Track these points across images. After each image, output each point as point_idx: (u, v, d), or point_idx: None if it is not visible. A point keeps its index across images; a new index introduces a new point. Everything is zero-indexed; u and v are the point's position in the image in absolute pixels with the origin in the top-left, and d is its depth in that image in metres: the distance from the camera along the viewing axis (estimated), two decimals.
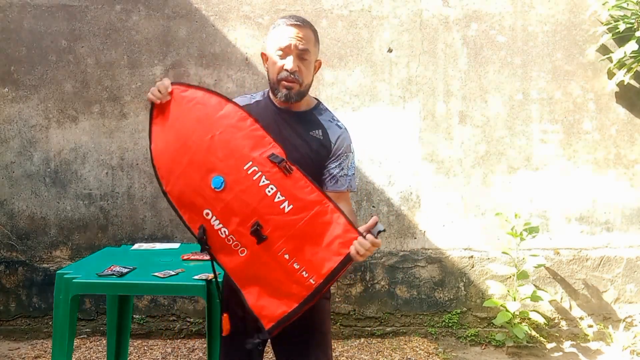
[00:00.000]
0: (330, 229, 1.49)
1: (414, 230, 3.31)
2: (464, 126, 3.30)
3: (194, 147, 1.51)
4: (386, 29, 3.26)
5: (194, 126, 1.53)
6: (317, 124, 1.70)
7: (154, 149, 1.55)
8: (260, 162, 1.49)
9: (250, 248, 1.48)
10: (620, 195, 3.32)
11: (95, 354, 2.99)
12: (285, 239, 1.48)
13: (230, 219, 1.48)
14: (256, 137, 1.52)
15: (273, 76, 1.64)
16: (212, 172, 1.49)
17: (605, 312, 3.34)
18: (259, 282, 1.51)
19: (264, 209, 1.47)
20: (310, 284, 1.48)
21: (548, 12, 3.28)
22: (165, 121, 1.55)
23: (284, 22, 1.62)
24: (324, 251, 1.49)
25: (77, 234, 3.22)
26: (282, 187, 1.48)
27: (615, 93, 3.31)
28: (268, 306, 1.51)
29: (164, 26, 3.20)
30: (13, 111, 3.18)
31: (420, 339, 3.26)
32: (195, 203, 1.51)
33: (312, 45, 1.66)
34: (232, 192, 1.48)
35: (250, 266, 1.50)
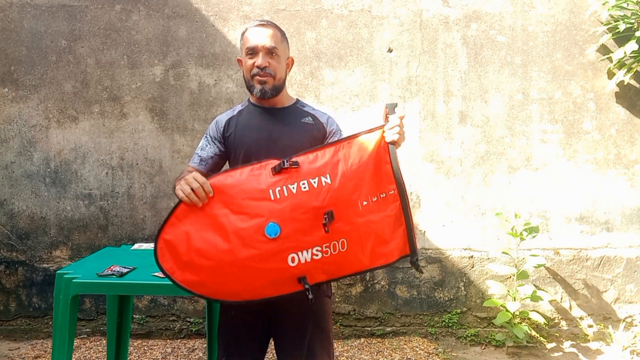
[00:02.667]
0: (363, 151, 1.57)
1: (414, 230, 3.30)
2: (464, 126, 3.30)
3: (229, 237, 1.44)
4: (386, 29, 3.26)
5: (211, 229, 1.46)
6: (305, 112, 1.80)
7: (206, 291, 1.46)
8: (273, 182, 1.50)
9: (344, 233, 1.49)
10: (620, 195, 3.32)
11: (95, 354, 2.99)
12: (352, 196, 1.51)
13: (309, 238, 1.47)
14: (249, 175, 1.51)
15: (247, 75, 1.71)
16: (259, 231, 1.45)
17: (605, 312, 3.34)
18: (374, 243, 1.54)
19: (319, 201, 1.48)
20: (393, 195, 1.57)
21: (548, 12, 3.28)
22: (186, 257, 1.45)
23: (250, 26, 1.71)
24: (375, 167, 1.57)
25: (77, 234, 3.22)
26: (306, 175, 1.51)
27: (615, 93, 3.31)
28: (395, 244, 1.57)
29: (164, 26, 3.20)
30: (13, 111, 3.18)
31: (420, 339, 3.26)
32: (277, 267, 1.45)
33: (280, 43, 1.73)
34: (289, 221, 1.46)
35: (358, 244, 1.51)
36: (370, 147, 1.58)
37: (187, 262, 1.44)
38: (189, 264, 1.44)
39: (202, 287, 1.45)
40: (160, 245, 1.45)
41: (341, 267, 1.52)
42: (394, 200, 1.57)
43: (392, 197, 1.56)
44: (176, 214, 1.47)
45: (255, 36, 1.68)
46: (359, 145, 1.58)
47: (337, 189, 1.50)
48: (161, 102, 3.21)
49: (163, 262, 1.45)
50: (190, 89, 3.22)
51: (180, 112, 3.21)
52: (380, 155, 1.58)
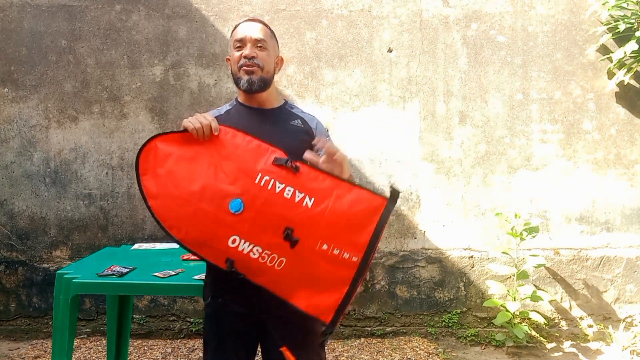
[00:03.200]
0: (355, 203, 1.53)
1: (414, 230, 3.31)
2: (464, 126, 3.30)
3: (200, 182, 1.49)
4: (386, 29, 3.26)
5: (193, 165, 1.52)
6: (293, 115, 1.76)
7: (153, 204, 1.50)
8: (268, 170, 1.50)
9: (288, 254, 1.48)
10: (620, 195, 3.32)
11: (95, 354, 2.99)
12: (319, 232, 1.49)
13: (260, 235, 1.48)
14: (253, 148, 1.53)
15: (235, 68, 1.68)
16: (227, 198, 1.48)
17: (605, 312, 3.34)
18: (305, 283, 1.51)
19: (289, 212, 1.48)
20: (353, 262, 1.50)
21: (548, 12, 3.28)
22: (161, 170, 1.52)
23: (240, 22, 1.70)
24: (355, 227, 1.52)
25: (77, 234, 3.22)
26: (297, 185, 1.50)
27: (615, 93, 3.31)
28: (322, 302, 1.51)
29: (164, 26, 3.20)
30: (13, 111, 3.18)
31: (420, 339, 3.26)
32: (218, 235, 1.48)
33: (269, 38, 1.69)
34: (254, 209, 1.47)
35: (292, 272, 1.49)
36: (362, 207, 1.52)
37: (158, 174, 1.50)
38: (158, 176, 1.50)
39: (154, 199, 1.50)
40: (149, 146, 1.53)
41: (266, 278, 1.50)
42: (352, 268, 1.50)
43: (352, 264, 1.50)
44: (175, 135, 1.53)
45: (243, 29, 1.67)
46: (356, 197, 1.52)
47: (312, 215, 1.48)
48: (161, 102, 3.21)
49: (142, 160, 1.52)
50: (190, 89, 3.22)
51: (180, 112, 3.21)
52: (365, 221, 1.52)
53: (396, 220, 3.30)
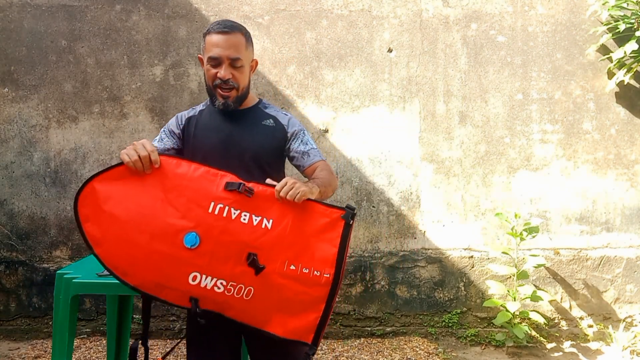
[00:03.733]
0: (314, 219, 1.48)
1: (414, 230, 3.31)
2: (464, 126, 3.30)
3: (148, 221, 1.38)
4: (386, 29, 3.26)
5: (137, 202, 1.40)
6: (266, 115, 1.76)
7: (101, 252, 1.39)
8: (220, 197, 1.42)
9: (254, 282, 1.41)
10: (620, 195, 3.32)
11: (95, 354, 2.99)
12: (284, 252, 1.44)
13: (221, 267, 1.40)
14: (201, 176, 1.44)
15: (209, 83, 1.65)
16: (180, 233, 1.38)
17: (605, 312, 3.34)
18: (278, 308, 1.45)
19: (249, 237, 1.41)
20: (326, 278, 1.45)
21: (548, 12, 3.28)
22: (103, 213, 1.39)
23: (215, 28, 1.61)
24: (319, 242, 1.47)
25: (77, 234, 3.22)
26: (253, 209, 1.44)
27: (615, 93, 3.31)
28: (299, 324, 1.46)
29: (164, 26, 3.20)
30: (13, 111, 3.18)
31: (420, 339, 3.26)
32: (176, 275, 1.39)
33: (244, 50, 1.63)
34: (212, 240, 1.40)
35: (263, 300, 1.43)
36: (322, 221, 1.48)
37: (100, 218, 1.38)
38: (101, 220, 1.38)
39: (101, 247, 1.38)
40: (87, 190, 1.39)
41: (236, 311, 1.44)
42: (325, 285, 1.45)
43: (325, 280, 1.45)
44: (114, 172, 1.41)
45: (217, 45, 1.59)
46: (314, 212, 1.48)
47: (272, 237, 1.43)
48: (161, 102, 3.21)
49: (82, 206, 1.39)
50: (190, 89, 3.22)
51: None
52: (328, 235, 1.47)
53: (396, 220, 3.30)
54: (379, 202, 3.29)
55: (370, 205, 3.29)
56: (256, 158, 1.68)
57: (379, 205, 3.29)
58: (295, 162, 1.78)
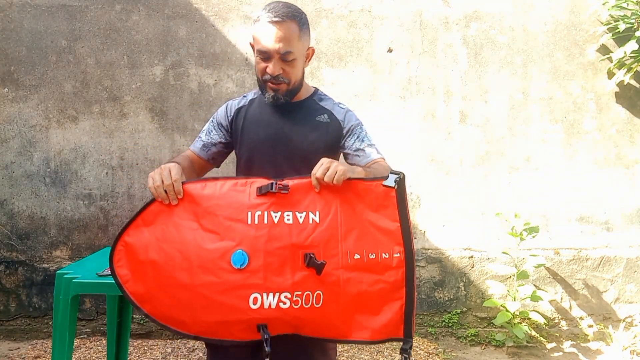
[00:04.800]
0: (361, 198, 1.33)
1: (414, 230, 3.31)
2: (464, 126, 3.30)
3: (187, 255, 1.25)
4: (386, 29, 3.26)
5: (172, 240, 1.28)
6: (321, 109, 1.62)
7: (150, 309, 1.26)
8: (255, 204, 1.29)
9: (322, 285, 1.26)
10: (620, 195, 3.32)
11: (95, 354, 2.99)
12: (342, 243, 1.29)
13: (280, 279, 1.25)
14: (229, 189, 1.32)
15: (259, 75, 1.54)
16: (225, 255, 1.25)
17: (605, 312, 3.34)
18: (356, 309, 1.29)
19: (300, 238, 1.27)
20: (397, 258, 1.30)
21: (548, 12, 3.28)
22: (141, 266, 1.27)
23: (265, 17, 1.46)
24: (378, 220, 1.32)
25: (77, 234, 3.22)
26: (294, 206, 1.30)
27: (615, 93, 3.31)
28: (385, 320, 1.30)
29: (164, 26, 3.20)
30: (13, 111, 3.18)
31: (420, 339, 3.26)
32: (235, 303, 1.23)
33: (296, 41, 1.47)
34: (261, 253, 1.25)
35: (337, 303, 1.27)
36: (371, 195, 1.33)
37: (139, 272, 1.26)
38: (141, 274, 1.26)
39: (149, 303, 1.26)
40: (119, 248, 1.29)
41: (312, 326, 1.28)
42: (399, 266, 1.29)
43: (397, 261, 1.29)
44: (143, 217, 1.30)
45: (268, 38, 1.45)
46: (359, 191, 1.33)
47: (324, 229, 1.28)
48: (161, 102, 3.21)
49: (118, 267, 1.28)
50: (190, 89, 3.22)
51: (180, 112, 3.21)
52: (383, 208, 1.33)
53: None
54: None
55: None
56: (306, 158, 1.53)
57: None
58: (350, 160, 1.63)
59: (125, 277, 1.28)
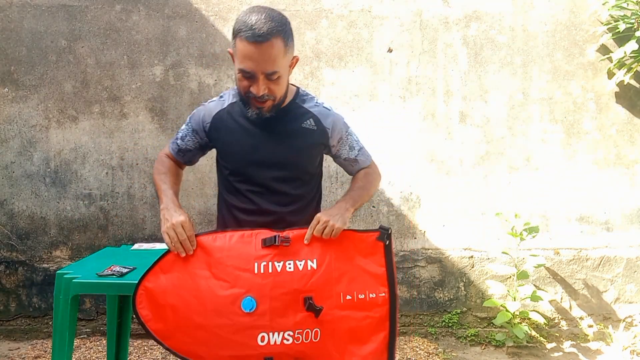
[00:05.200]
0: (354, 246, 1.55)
1: (414, 230, 3.31)
2: (464, 126, 3.30)
3: (205, 300, 1.43)
4: (386, 29, 3.26)
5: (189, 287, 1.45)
6: (306, 113, 1.60)
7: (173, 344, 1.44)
8: (261, 255, 1.47)
9: (319, 323, 1.45)
10: (620, 195, 3.32)
11: (95, 354, 2.99)
12: (336, 287, 1.48)
13: (284, 320, 1.44)
14: (237, 242, 1.49)
15: (241, 91, 1.47)
16: (236, 301, 1.43)
17: (605, 312, 3.34)
18: (349, 340, 1.49)
19: (300, 284, 1.46)
20: (382, 297, 1.53)
21: (548, 12, 3.28)
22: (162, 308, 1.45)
23: (247, 34, 1.35)
24: (367, 265, 1.54)
25: (77, 234, 3.22)
26: (294, 255, 1.48)
27: (615, 93, 3.31)
28: (372, 348, 1.52)
29: (164, 26, 3.20)
30: (13, 111, 3.18)
31: (420, 339, 3.26)
32: (245, 341, 1.42)
33: (281, 58, 1.40)
34: (267, 298, 1.43)
35: (332, 337, 1.47)
36: (362, 245, 1.56)
37: (161, 313, 1.44)
38: (162, 315, 1.44)
39: (170, 339, 1.44)
40: (140, 292, 1.46)
41: (312, 357, 1.47)
42: (384, 303, 1.53)
43: (382, 299, 1.53)
44: (161, 265, 1.47)
45: (252, 59, 1.37)
46: (352, 241, 1.55)
47: (321, 275, 1.47)
48: (161, 102, 3.21)
49: (140, 308, 1.45)
50: (190, 89, 3.22)
51: (180, 112, 3.21)
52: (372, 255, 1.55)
53: (396, 220, 3.30)
54: (379, 202, 3.29)
55: (370, 205, 3.29)
56: (294, 168, 1.59)
57: (379, 205, 3.29)
58: (343, 167, 1.76)
59: (147, 317, 1.45)
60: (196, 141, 1.67)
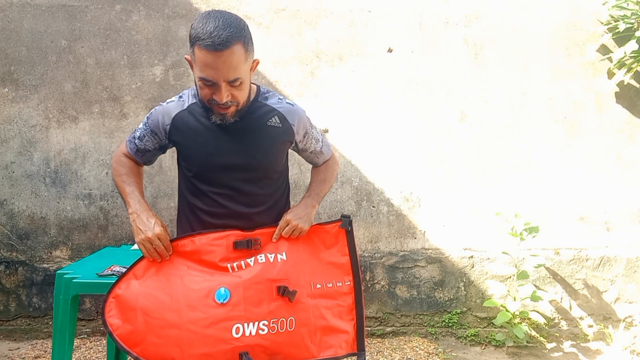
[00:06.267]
0: (319, 238, 1.63)
1: (414, 230, 3.31)
2: (464, 126, 3.30)
3: (177, 297, 1.41)
4: (386, 29, 3.26)
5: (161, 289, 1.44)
6: (271, 110, 1.56)
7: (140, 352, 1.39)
8: (233, 257, 1.49)
9: (293, 311, 1.47)
10: (620, 195, 3.32)
11: (95, 354, 2.99)
12: (306, 276, 1.53)
13: (258, 309, 1.44)
14: (209, 244, 1.49)
15: (202, 98, 1.44)
16: (210, 293, 1.43)
17: (605, 312, 3.34)
18: (321, 331, 1.53)
19: (272, 273, 1.49)
20: (348, 286, 1.60)
21: (548, 12, 3.28)
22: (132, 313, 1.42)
23: (206, 42, 1.31)
24: (332, 255, 1.62)
25: (77, 234, 3.22)
26: (264, 249, 1.53)
27: (615, 93, 3.31)
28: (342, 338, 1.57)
29: (164, 26, 3.20)
30: (13, 111, 3.18)
31: (420, 339, 3.26)
32: (219, 334, 1.41)
33: (243, 64, 1.36)
34: (240, 289, 1.44)
35: (306, 326, 1.49)
36: (326, 235, 1.63)
37: (131, 318, 1.41)
38: (133, 319, 1.41)
39: (139, 346, 1.39)
40: (110, 300, 1.43)
41: (286, 350, 1.47)
42: (349, 291, 1.60)
43: (347, 288, 1.60)
44: (134, 271, 1.47)
45: (212, 68, 1.33)
46: (317, 233, 1.62)
47: (291, 265, 1.52)
48: (161, 102, 3.21)
49: (109, 317, 1.42)
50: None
51: None
52: (337, 248, 1.63)
53: (396, 220, 3.30)
54: (379, 202, 3.29)
55: (370, 205, 3.29)
56: (260, 169, 1.56)
57: (379, 205, 3.29)
58: (308, 160, 1.79)
59: (115, 326, 1.41)
60: (155, 142, 1.63)
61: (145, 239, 1.45)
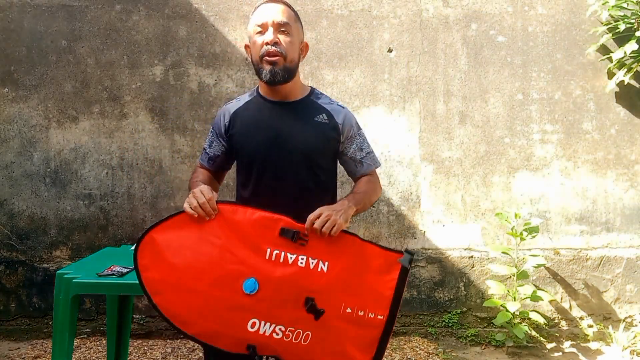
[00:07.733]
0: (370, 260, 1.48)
1: (414, 230, 3.31)
2: (464, 126, 3.30)
3: (207, 268, 1.38)
4: (386, 29, 3.26)
5: (195, 251, 1.40)
6: (319, 108, 1.62)
7: (159, 301, 1.38)
8: (276, 243, 1.42)
9: (312, 326, 1.40)
10: (620, 195, 3.32)
11: (95, 354, 2.99)
12: (340, 295, 1.43)
13: (281, 312, 1.39)
14: (256, 221, 1.43)
15: (256, 57, 1.54)
16: (240, 278, 1.38)
17: (605, 312, 3.34)
18: (333, 352, 1.44)
19: (307, 282, 1.41)
20: (379, 320, 1.46)
21: (548, 12, 3.28)
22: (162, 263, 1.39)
23: (259, 3, 1.57)
24: (376, 283, 1.47)
25: (77, 234, 3.22)
26: (309, 252, 1.43)
27: (615, 93, 3.31)
28: None
29: (164, 26, 3.20)
30: (13, 111, 3.18)
31: (420, 339, 3.26)
32: (235, 321, 1.38)
33: (293, 21, 1.55)
34: (270, 286, 1.38)
35: (320, 344, 1.42)
36: (378, 261, 1.49)
37: (159, 267, 1.38)
38: (161, 269, 1.38)
39: (160, 295, 1.38)
40: (145, 240, 1.40)
41: (293, 357, 1.42)
42: (379, 326, 1.47)
43: (378, 322, 1.46)
44: (175, 219, 1.42)
45: (264, 11, 1.52)
46: (370, 254, 1.48)
47: (329, 279, 1.42)
48: (161, 102, 3.21)
49: (141, 257, 1.39)
50: (190, 89, 3.22)
51: (180, 112, 3.21)
52: (385, 276, 1.48)
53: (396, 220, 3.30)
54: (379, 202, 3.29)
55: (371, 206, 3.29)
56: (307, 159, 1.58)
57: (379, 205, 3.29)
58: (346, 167, 1.73)
59: (144, 267, 1.38)
60: (222, 145, 1.69)
61: (190, 194, 1.43)
